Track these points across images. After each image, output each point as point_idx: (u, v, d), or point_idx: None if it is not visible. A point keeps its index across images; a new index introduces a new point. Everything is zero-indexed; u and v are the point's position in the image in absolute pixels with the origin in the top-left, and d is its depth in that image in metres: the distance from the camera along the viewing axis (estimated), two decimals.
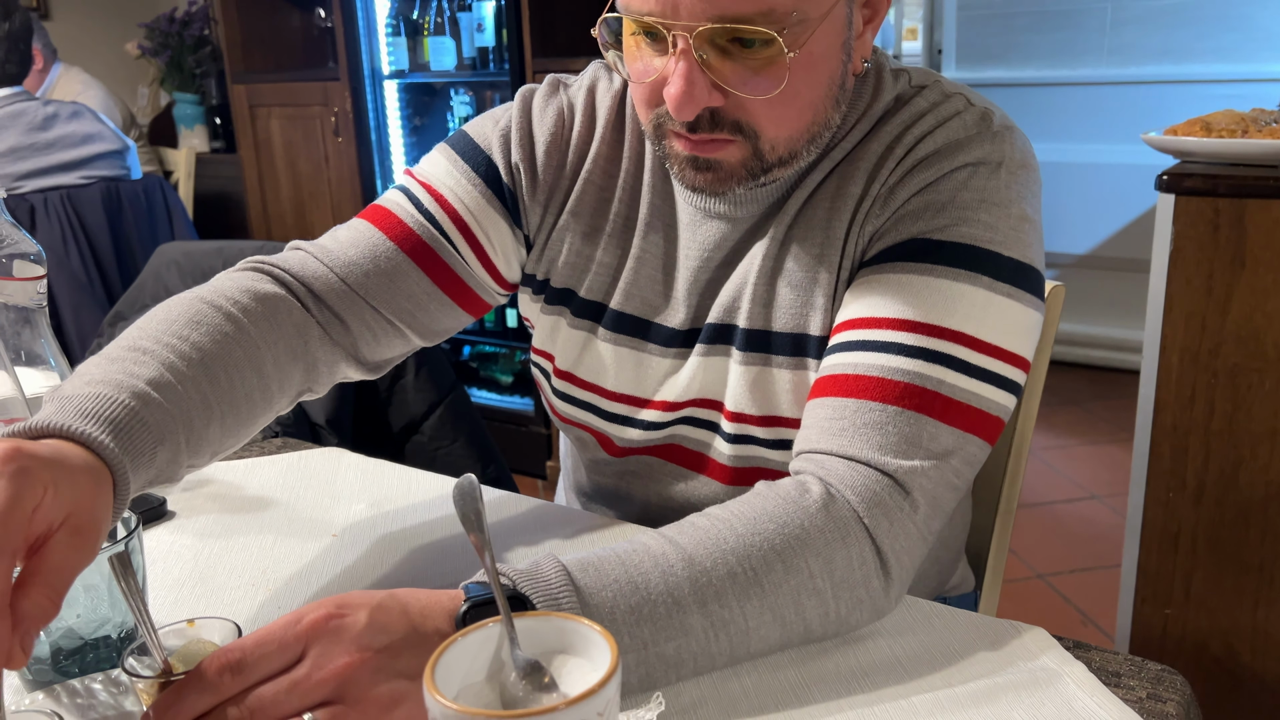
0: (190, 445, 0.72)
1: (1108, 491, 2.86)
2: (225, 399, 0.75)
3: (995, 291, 0.78)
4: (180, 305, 0.79)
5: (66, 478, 0.57)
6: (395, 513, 0.95)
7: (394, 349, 0.94)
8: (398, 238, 0.90)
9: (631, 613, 0.63)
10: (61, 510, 0.56)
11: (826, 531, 0.69)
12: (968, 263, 0.78)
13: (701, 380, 0.91)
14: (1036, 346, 0.84)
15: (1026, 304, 0.80)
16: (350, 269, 0.88)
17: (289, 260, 0.89)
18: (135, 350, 0.72)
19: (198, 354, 0.74)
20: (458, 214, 0.92)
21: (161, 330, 0.75)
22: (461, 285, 0.93)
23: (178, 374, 0.72)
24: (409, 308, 0.91)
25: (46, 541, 0.55)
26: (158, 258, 1.76)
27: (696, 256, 0.90)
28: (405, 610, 0.59)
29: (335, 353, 0.89)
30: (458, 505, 0.59)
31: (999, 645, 0.71)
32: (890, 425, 0.75)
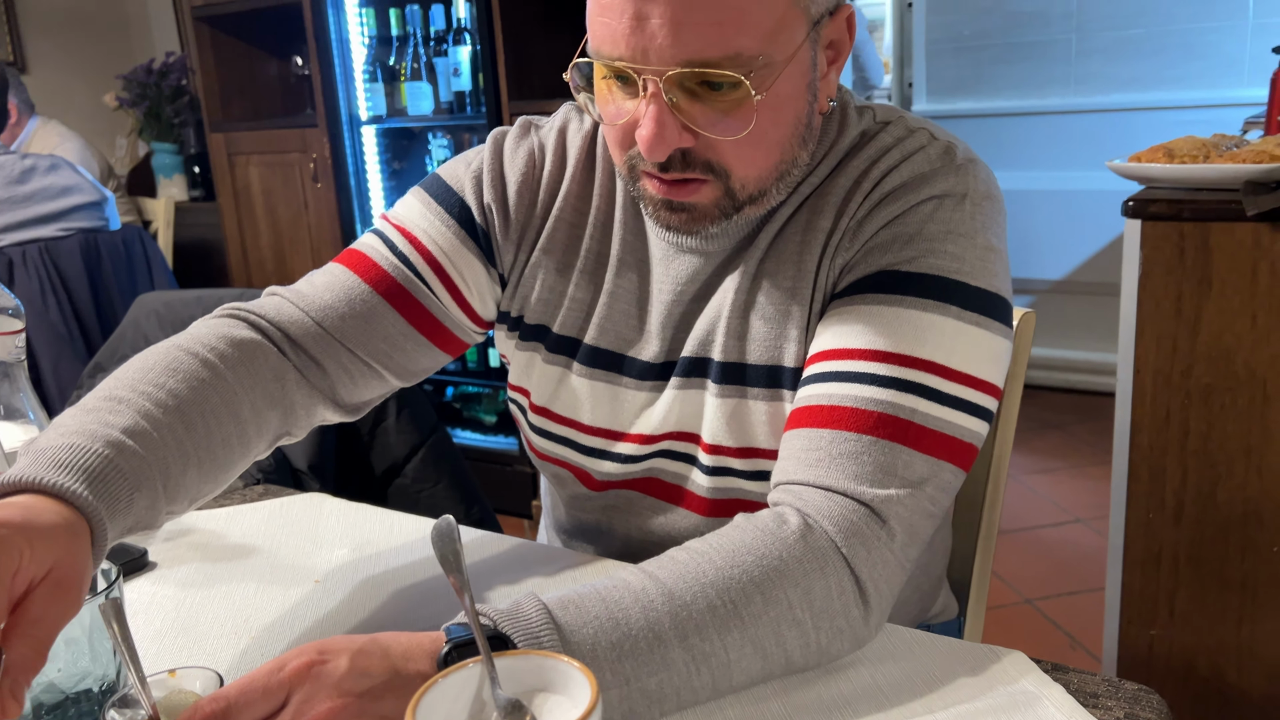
0: (168, 492, 0.72)
1: (1091, 514, 2.88)
2: (202, 445, 0.76)
3: (964, 321, 0.80)
4: (156, 354, 0.80)
5: (42, 537, 0.58)
6: (378, 556, 0.95)
7: (372, 391, 0.94)
8: (373, 280, 0.91)
9: (613, 649, 0.64)
10: (42, 567, 0.57)
11: (805, 562, 0.70)
12: (936, 293, 0.80)
13: (678, 413, 0.92)
14: (1007, 373, 0.85)
15: (995, 332, 0.81)
16: (326, 313, 0.89)
17: (265, 306, 0.90)
18: (111, 400, 0.73)
19: (174, 401, 0.75)
20: (432, 255, 0.93)
21: (137, 379, 0.76)
22: (438, 325, 0.94)
23: (154, 421, 0.72)
24: (385, 349, 0.91)
25: (28, 596, 0.56)
26: (137, 308, 1.77)
27: (670, 291, 0.91)
28: (387, 653, 0.60)
29: (313, 396, 0.90)
30: (436, 547, 0.60)
31: (979, 670, 0.71)
32: (865, 455, 0.76)
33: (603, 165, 0.95)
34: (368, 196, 3.25)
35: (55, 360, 2.44)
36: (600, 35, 0.75)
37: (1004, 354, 0.83)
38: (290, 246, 3.38)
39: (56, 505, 0.62)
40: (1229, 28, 3.31)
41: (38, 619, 0.55)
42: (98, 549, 0.63)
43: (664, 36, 0.72)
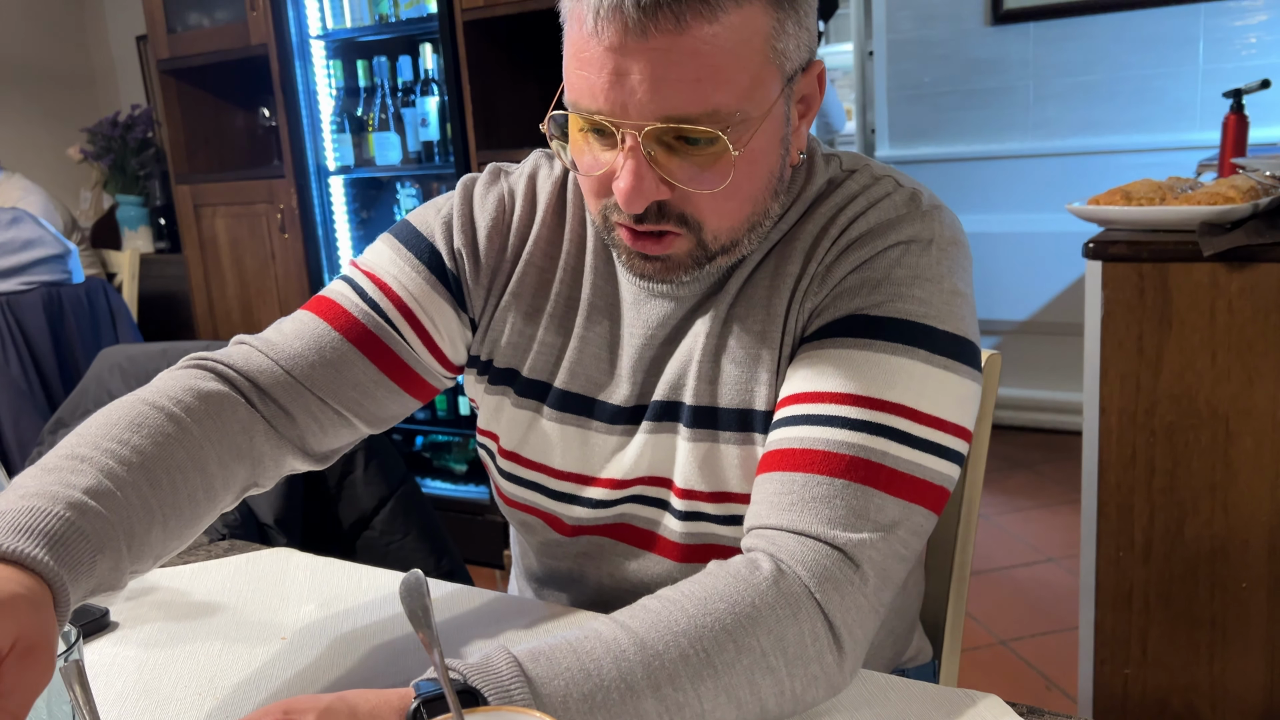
0: (132, 552, 0.71)
1: (1063, 553, 2.89)
2: (168, 502, 0.75)
3: (932, 364, 0.80)
4: (121, 408, 0.79)
5: (4, 608, 0.57)
6: (346, 612, 0.94)
7: (341, 439, 0.94)
8: (343, 328, 0.91)
9: (584, 700, 0.63)
10: (6, 639, 0.56)
11: (777, 608, 0.69)
12: (905, 337, 0.81)
13: (650, 457, 0.92)
14: (976, 415, 0.86)
15: (963, 375, 0.82)
16: (295, 361, 0.89)
17: (232, 355, 0.89)
18: (73, 459, 0.72)
19: (138, 458, 0.74)
20: (402, 301, 0.93)
21: (100, 435, 0.75)
22: (408, 371, 0.94)
23: (117, 480, 0.71)
24: (356, 396, 0.91)
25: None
26: (100, 362, 1.74)
27: (641, 335, 0.92)
28: (354, 712, 0.58)
29: (282, 447, 0.89)
30: (405, 602, 0.59)
31: (954, 715, 0.71)
32: (838, 498, 0.76)
33: (573, 211, 0.96)
34: (335, 246, 3.24)
35: (16, 415, 2.40)
36: (579, 89, 0.76)
37: (973, 397, 0.83)
38: (257, 297, 3.36)
39: (17, 573, 0.61)
40: (1180, 73, 3.40)
41: (9, 691, 0.55)
42: (60, 614, 0.62)
43: (644, 92, 0.73)
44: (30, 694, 0.56)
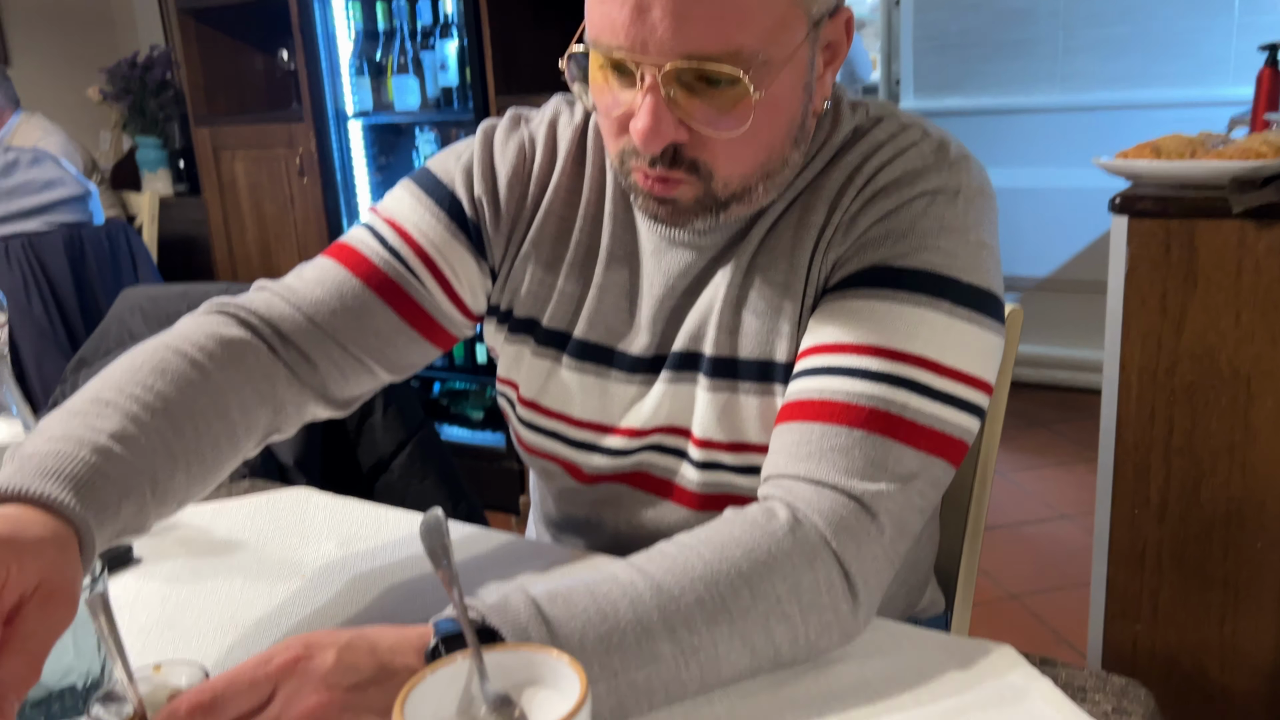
0: (156, 497, 0.71)
1: (1076, 511, 2.89)
2: (191, 448, 0.75)
3: (955, 316, 0.80)
4: (144, 353, 0.79)
5: (30, 551, 0.57)
6: (365, 552, 0.95)
7: (363, 386, 0.94)
8: (364, 275, 0.91)
9: (600, 642, 0.64)
10: (31, 581, 0.56)
11: (793, 556, 0.70)
12: (928, 288, 0.80)
13: (669, 407, 0.92)
14: (998, 369, 0.85)
15: (987, 328, 0.81)
16: (317, 308, 0.89)
17: (254, 301, 0.89)
18: (98, 402, 0.72)
19: (161, 403, 0.74)
20: (423, 249, 0.92)
21: (124, 380, 0.75)
22: (428, 319, 0.94)
23: (141, 425, 0.72)
24: (377, 344, 0.91)
25: (19, 611, 0.56)
26: (121, 302, 1.75)
27: (661, 284, 0.91)
28: (374, 648, 0.59)
29: (303, 394, 0.89)
30: (425, 540, 0.59)
31: (968, 664, 0.71)
32: (856, 449, 0.76)
33: (593, 158, 0.95)
34: (354, 191, 3.24)
35: (39, 356, 2.42)
36: (599, 24, 0.75)
37: (995, 350, 0.83)
38: (276, 242, 3.36)
39: (43, 516, 0.61)
40: (1214, 26, 3.33)
41: (30, 633, 0.55)
42: (86, 558, 0.62)
43: (665, 28, 0.72)
44: (50, 637, 0.57)
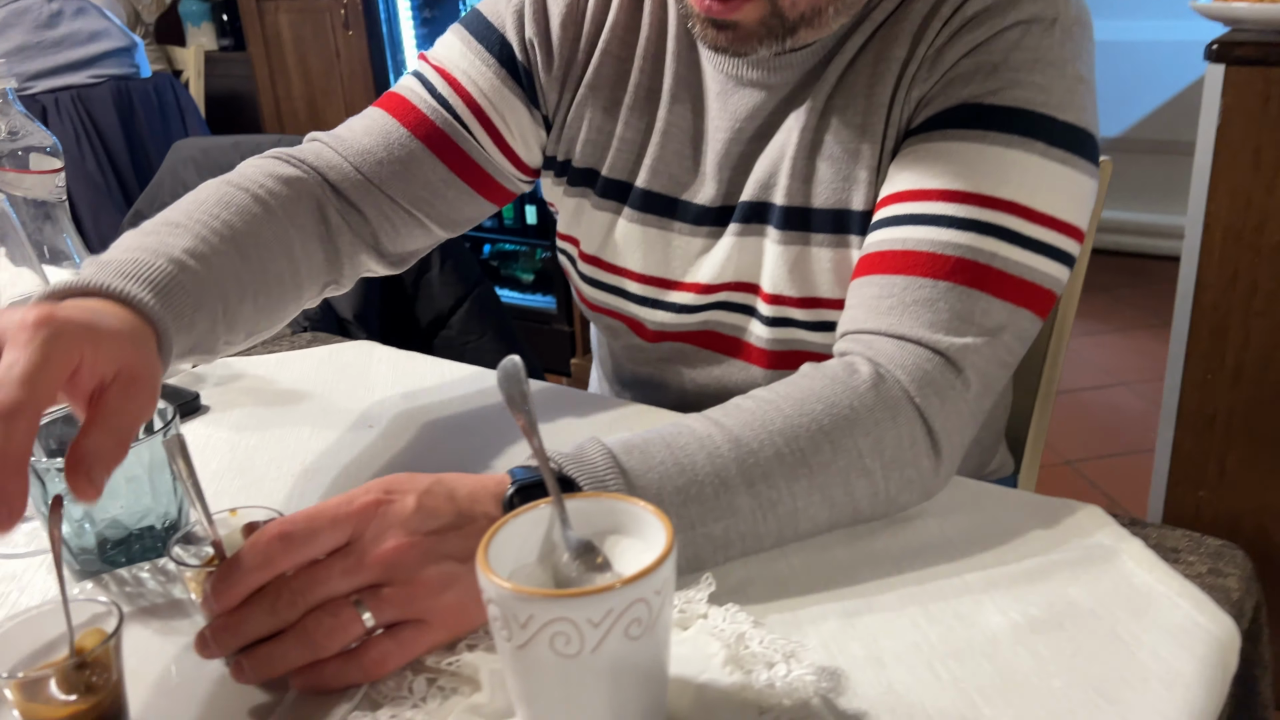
0: (226, 318, 0.71)
1: (1137, 378, 2.84)
2: (258, 277, 0.75)
3: (1049, 158, 0.75)
4: (207, 189, 0.78)
5: (108, 339, 0.56)
6: (430, 404, 0.94)
7: (415, 240, 0.92)
8: (412, 125, 0.88)
9: (678, 494, 0.62)
10: (110, 367, 0.55)
11: (876, 411, 0.67)
12: (1021, 128, 0.75)
13: (736, 262, 0.89)
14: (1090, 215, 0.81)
15: (1081, 170, 0.76)
16: (365, 158, 0.87)
17: (306, 151, 0.88)
18: (168, 225, 0.72)
19: (229, 231, 0.74)
20: (473, 99, 0.89)
21: (192, 209, 0.75)
22: (480, 172, 0.91)
23: (212, 248, 0.71)
24: (426, 196, 0.89)
25: (103, 394, 0.55)
26: (174, 154, 1.73)
27: (727, 128, 0.87)
28: (452, 494, 0.58)
29: (357, 244, 0.88)
30: (502, 387, 0.57)
31: (1052, 523, 0.69)
32: (941, 301, 0.72)
33: None
34: (400, 44, 3.15)
35: (94, 209, 2.43)
36: None
37: (1090, 194, 0.78)
38: (323, 97, 3.30)
39: (123, 311, 0.60)
40: None
41: (114, 412, 0.54)
42: (164, 358, 0.62)
43: None
44: (134, 420, 0.55)
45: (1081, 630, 0.59)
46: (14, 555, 0.73)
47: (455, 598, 0.56)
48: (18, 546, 0.74)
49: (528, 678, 0.49)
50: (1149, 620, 0.59)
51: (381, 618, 0.55)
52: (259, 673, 0.56)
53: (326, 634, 0.55)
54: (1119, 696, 0.54)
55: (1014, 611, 0.61)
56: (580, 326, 2.92)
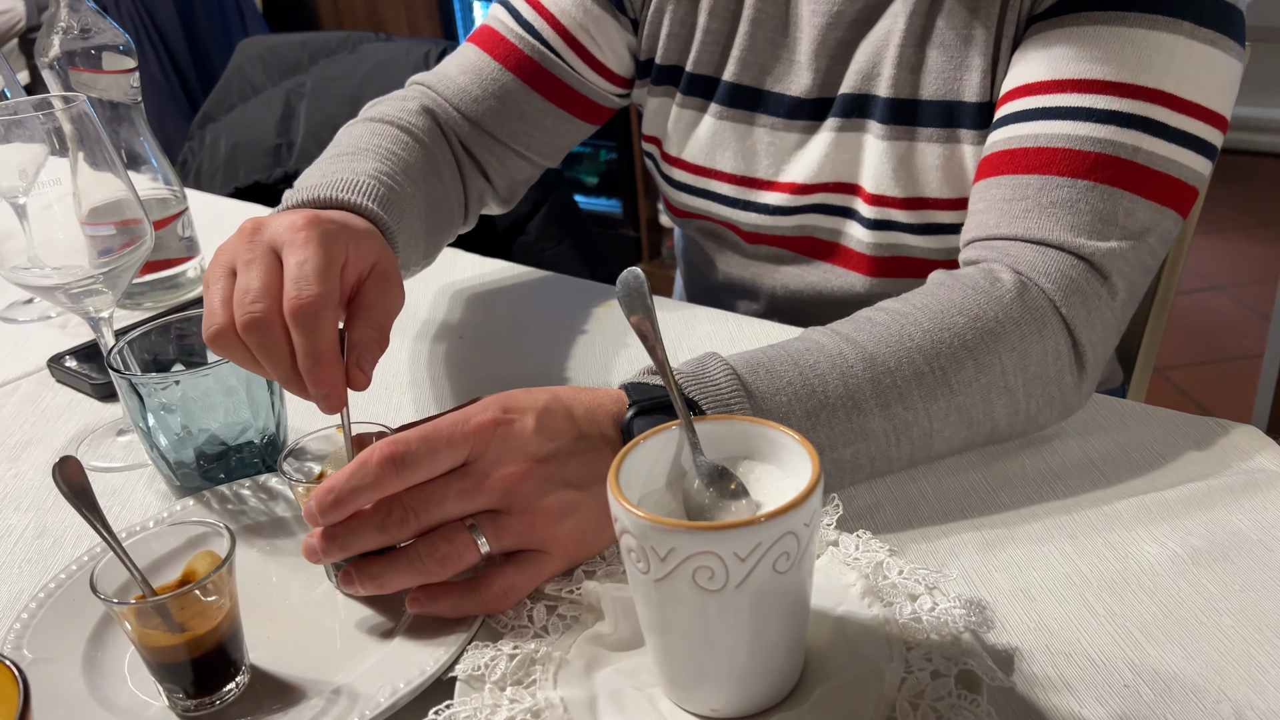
0: (415, 235, 0.74)
1: (1231, 282, 2.71)
2: (427, 200, 0.79)
3: (1197, 39, 0.67)
4: (360, 126, 0.82)
5: (363, 237, 0.60)
6: (517, 313, 0.90)
7: (520, 172, 0.92)
8: (502, 57, 0.87)
9: (809, 417, 0.58)
10: (367, 263, 0.59)
11: (1022, 324, 0.62)
12: (1165, 6, 0.68)
13: (835, 160, 0.83)
14: None
15: (1230, 52, 0.69)
16: (462, 97, 0.87)
17: (410, 96, 0.88)
18: (344, 155, 0.75)
19: (397, 160, 0.76)
20: (559, 23, 0.87)
21: (357, 141, 0.77)
22: (575, 95, 0.90)
23: (390, 172, 0.73)
24: (524, 128, 0.88)
25: (360, 288, 0.59)
26: (240, 54, 1.68)
27: (824, 12, 0.80)
28: (570, 414, 0.55)
29: (475, 179, 0.89)
30: (623, 301, 0.53)
31: (1205, 445, 0.64)
32: (1082, 202, 0.66)
33: None
34: None
35: (160, 113, 2.40)
36: None
37: (1237, 79, 0.71)
38: None
39: (358, 218, 0.64)
40: None
41: (373, 304, 0.58)
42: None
43: None
44: (390, 312, 0.59)
45: (1250, 563, 0.54)
46: (112, 469, 0.71)
47: (575, 526, 0.53)
48: (115, 461, 0.72)
49: (664, 611, 0.46)
50: None
51: (499, 546, 0.52)
52: (367, 588, 0.53)
53: (441, 560, 0.52)
54: None
55: (1172, 542, 0.56)
56: (647, 231, 2.86)
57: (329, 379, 0.54)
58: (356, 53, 1.59)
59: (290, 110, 1.58)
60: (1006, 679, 0.47)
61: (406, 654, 0.52)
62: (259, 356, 0.55)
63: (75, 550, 0.62)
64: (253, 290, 0.55)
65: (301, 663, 0.52)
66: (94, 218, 0.71)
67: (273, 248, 0.57)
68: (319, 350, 0.54)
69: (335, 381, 0.54)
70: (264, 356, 0.55)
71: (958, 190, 0.79)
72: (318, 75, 1.58)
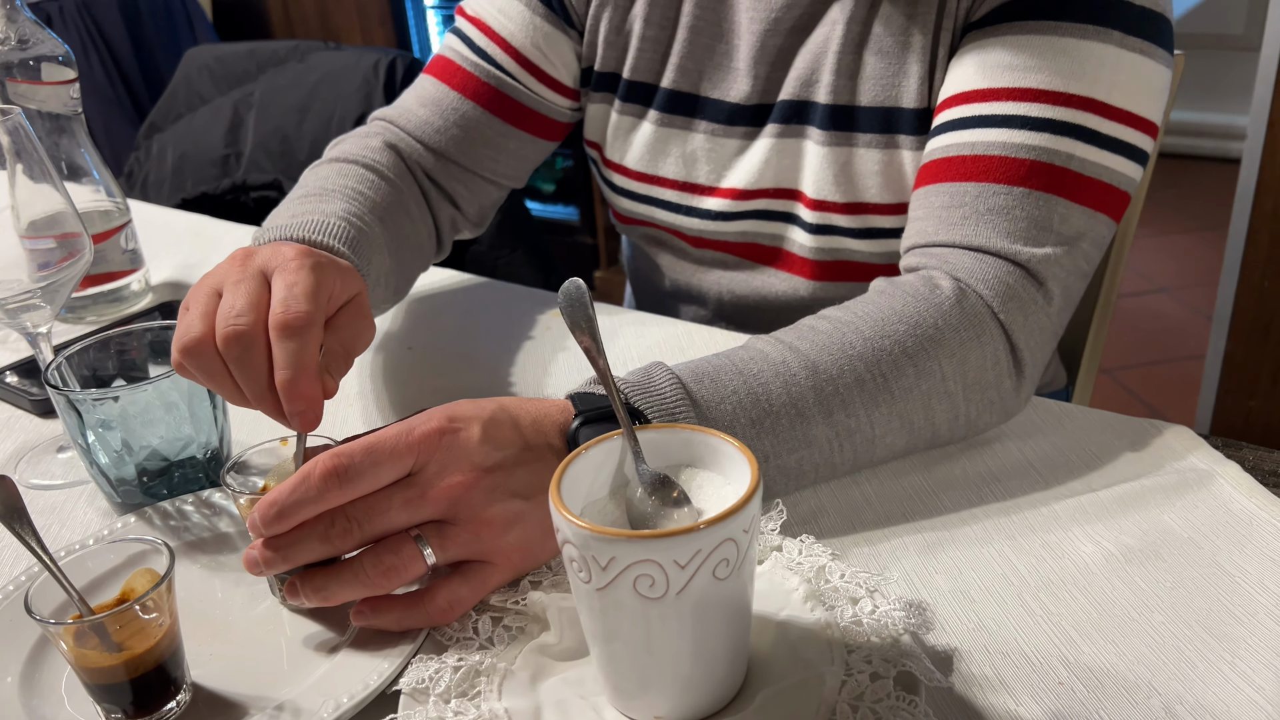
0: (384, 273, 0.75)
1: (1177, 284, 2.77)
2: (396, 238, 0.78)
3: (1126, 47, 0.69)
4: (326, 167, 0.82)
5: (348, 274, 0.62)
6: (467, 323, 0.90)
7: (488, 196, 0.92)
8: (459, 86, 0.88)
9: (753, 425, 0.59)
10: (350, 293, 0.62)
11: (961, 330, 0.63)
12: (1096, 15, 0.69)
13: (776, 166, 0.84)
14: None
15: (1158, 60, 0.71)
16: (424, 129, 0.87)
17: (373, 133, 0.88)
18: (312, 195, 0.76)
19: (365, 200, 0.77)
20: (511, 46, 0.88)
21: (323, 182, 0.78)
22: (535, 116, 0.90)
23: (358, 212, 0.74)
24: (488, 154, 0.89)
25: (336, 316, 0.61)
26: (187, 63, 1.67)
27: (762, 19, 0.81)
28: (516, 424, 0.55)
29: (443, 208, 0.89)
30: (565, 312, 0.53)
31: (1139, 445, 0.66)
32: (1018, 209, 0.67)
33: None
34: None
35: (106, 121, 2.36)
36: None
37: (1166, 85, 0.73)
38: (334, 2, 3.19)
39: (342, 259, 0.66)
40: None
41: (345, 327, 0.60)
42: None
43: None
44: (358, 339, 0.61)
45: (1180, 561, 0.56)
46: (52, 486, 0.70)
47: (521, 535, 0.53)
48: (55, 478, 0.71)
49: (606, 619, 0.46)
50: (1253, 549, 0.56)
51: (445, 556, 0.52)
52: (311, 600, 0.53)
53: (386, 572, 0.52)
54: (1225, 631, 0.51)
55: (1107, 541, 0.58)
56: (604, 238, 2.86)
57: (307, 394, 0.55)
58: (305, 62, 1.58)
59: (238, 120, 1.56)
60: (944, 679, 0.47)
61: (351, 668, 0.51)
62: (235, 369, 0.56)
63: (14, 570, 0.61)
64: (239, 306, 0.56)
65: (244, 679, 0.52)
66: (32, 231, 0.70)
67: (263, 272, 0.59)
68: (301, 363, 0.55)
69: (313, 397, 0.55)
70: (241, 369, 0.55)
71: (897, 195, 0.80)
72: (266, 85, 1.56)
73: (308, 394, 0.55)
